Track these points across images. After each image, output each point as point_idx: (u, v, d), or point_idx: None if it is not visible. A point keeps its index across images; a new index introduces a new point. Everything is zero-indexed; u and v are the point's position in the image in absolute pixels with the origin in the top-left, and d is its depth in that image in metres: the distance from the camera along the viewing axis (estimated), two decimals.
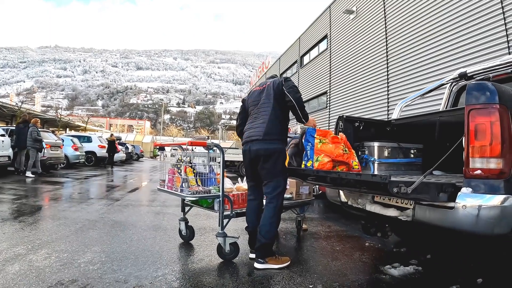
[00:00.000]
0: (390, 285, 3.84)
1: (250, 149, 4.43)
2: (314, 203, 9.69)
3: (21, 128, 14.46)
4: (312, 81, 29.93)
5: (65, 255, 4.34)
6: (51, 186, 11.60)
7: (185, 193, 4.48)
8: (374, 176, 3.01)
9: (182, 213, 5.35)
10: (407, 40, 16.67)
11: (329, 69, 26.07)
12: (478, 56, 12.26)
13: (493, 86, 2.86)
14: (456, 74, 5.56)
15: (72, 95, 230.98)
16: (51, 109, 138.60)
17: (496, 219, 2.70)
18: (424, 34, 15.39)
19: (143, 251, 4.69)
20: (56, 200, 8.61)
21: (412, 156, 4.73)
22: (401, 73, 17.01)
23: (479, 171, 2.81)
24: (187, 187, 4.49)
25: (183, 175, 4.54)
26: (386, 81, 18.13)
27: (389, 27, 18.26)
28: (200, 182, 4.65)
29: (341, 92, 23.73)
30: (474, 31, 12.73)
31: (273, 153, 4.29)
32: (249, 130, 4.52)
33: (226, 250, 4.44)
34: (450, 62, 13.61)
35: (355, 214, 4.52)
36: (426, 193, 2.82)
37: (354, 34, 22.26)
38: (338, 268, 4.33)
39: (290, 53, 36.92)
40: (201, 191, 4.51)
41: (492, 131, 2.77)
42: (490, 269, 4.47)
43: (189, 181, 4.52)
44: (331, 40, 26.26)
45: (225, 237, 4.41)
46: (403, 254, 5.00)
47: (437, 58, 14.48)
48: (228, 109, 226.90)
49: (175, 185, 4.69)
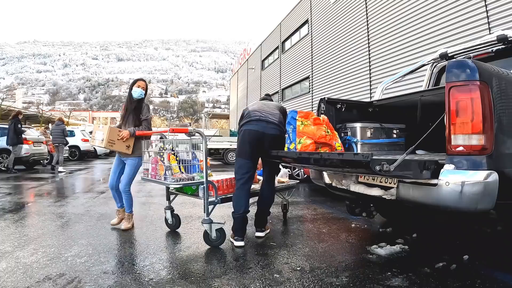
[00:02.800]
0: (377, 264, 3.87)
1: (265, 131, 4.62)
2: (300, 187, 9.73)
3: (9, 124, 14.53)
4: (294, 66, 29.88)
5: (52, 249, 4.32)
6: (35, 182, 11.51)
7: (168, 181, 4.47)
8: (356, 155, 3.01)
9: (168, 201, 5.36)
10: (388, 21, 16.69)
11: (311, 54, 26.04)
12: (460, 37, 12.30)
13: (473, 63, 2.86)
14: (437, 55, 5.58)
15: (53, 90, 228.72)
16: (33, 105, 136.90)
17: (479, 194, 2.72)
18: (405, 15, 15.41)
19: (130, 242, 4.70)
20: (41, 196, 8.55)
21: (394, 136, 4.75)
22: (382, 55, 17.05)
23: (461, 148, 2.83)
24: (170, 175, 4.47)
25: (166, 163, 4.52)
26: (368, 64, 18.16)
27: (370, 9, 18.25)
28: (184, 169, 4.63)
29: (324, 76, 23.73)
30: (455, 12, 12.76)
31: (284, 141, 4.50)
32: (264, 112, 4.74)
33: (212, 237, 4.45)
34: (432, 43, 13.65)
35: (339, 195, 4.54)
36: (409, 170, 2.83)
37: (335, 18, 22.21)
38: (325, 250, 4.36)
39: (272, 39, 36.77)
40: (185, 178, 4.50)
41: (473, 108, 2.78)
42: (475, 246, 4.53)
43: (172, 169, 4.50)
44: (312, 24, 26.19)
45: (211, 223, 4.43)
46: (389, 234, 5.04)
47: (419, 39, 14.52)
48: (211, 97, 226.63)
49: (159, 174, 4.67)
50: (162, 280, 3.43)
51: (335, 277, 3.50)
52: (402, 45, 15.51)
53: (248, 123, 4.69)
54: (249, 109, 4.86)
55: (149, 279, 3.45)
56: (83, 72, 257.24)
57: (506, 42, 4.74)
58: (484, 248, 4.49)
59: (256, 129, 4.62)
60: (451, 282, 3.38)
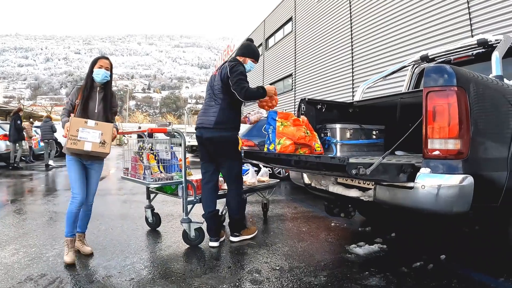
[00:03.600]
0: (355, 264, 3.92)
1: (203, 136, 4.54)
2: (281, 185, 9.77)
3: (11, 121, 15.07)
4: (277, 63, 29.93)
5: (33, 249, 4.30)
6: (16, 179, 11.38)
7: (147, 181, 4.49)
8: (333, 159, 3.04)
9: (148, 200, 5.35)
10: (371, 22, 16.80)
11: (294, 52, 26.11)
12: (442, 39, 12.44)
13: (451, 68, 2.91)
14: (418, 57, 5.65)
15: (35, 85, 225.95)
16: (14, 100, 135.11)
17: (455, 197, 2.77)
18: (389, 16, 15.53)
19: (111, 241, 4.70)
20: (22, 194, 8.49)
21: (374, 137, 4.80)
22: (365, 55, 17.17)
23: (437, 152, 2.88)
24: (149, 174, 4.49)
25: (146, 163, 4.53)
26: (351, 63, 18.26)
27: (353, 9, 18.35)
28: (163, 168, 4.65)
29: (307, 74, 23.81)
30: (438, 13, 12.89)
31: (225, 141, 4.45)
32: (202, 117, 4.61)
33: (191, 236, 4.48)
34: (415, 44, 13.79)
35: (318, 195, 4.59)
36: (385, 174, 2.87)
37: (319, 16, 22.29)
38: (304, 249, 4.40)
39: (255, 36, 36.71)
40: (164, 178, 4.53)
41: (450, 113, 2.83)
42: (453, 246, 4.60)
43: (151, 168, 4.52)
44: (296, 22, 26.25)
45: (190, 222, 4.45)
46: (368, 233, 5.10)
47: (401, 40, 14.65)
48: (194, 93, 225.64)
49: (138, 173, 4.68)
50: (142, 280, 3.45)
51: (314, 277, 3.54)
52: (385, 46, 15.63)
53: (196, 129, 4.73)
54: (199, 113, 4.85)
55: (130, 279, 3.46)
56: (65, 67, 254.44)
57: (486, 46, 4.82)
58: (461, 247, 4.57)
59: (197, 134, 4.64)
60: (428, 281, 3.44)
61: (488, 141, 3.09)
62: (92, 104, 4.09)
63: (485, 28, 11.01)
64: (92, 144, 3.79)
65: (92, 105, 4.09)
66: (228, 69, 4.42)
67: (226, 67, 4.47)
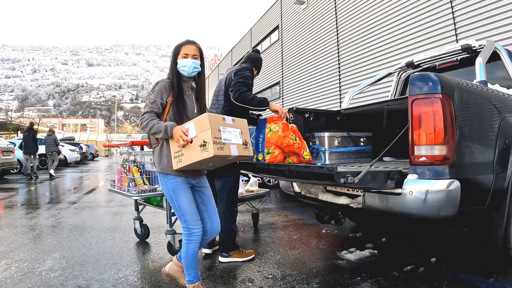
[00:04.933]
0: (347, 270, 3.96)
1: None
2: (271, 193, 9.79)
3: (26, 135, 16.62)
4: (264, 71, 29.94)
5: (25, 264, 4.28)
6: (5, 193, 11.27)
7: (131, 193, 4.52)
8: (322, 168, 3.08)
9: (136, 212, 5.36)
10: (357, 29, 16.90)
11: (281, 60, 26.17)
12: (427, 44, 12.56)
13: (435, 76, 2.97)
14: (403, 63, 5.73)
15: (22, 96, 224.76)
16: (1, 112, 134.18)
17: (442, 202, 2.83)
18: (374, 23, 15.63)
19: (103, 254, 4.68)
20: (12, 208, 8.41)
21: (362, 144, 4.85)
22: (352, 62, 17.25)
23: (424, 158, 2.93)
24: (133, 187, 4.52)
25: (130, 175, 4.56)
26: (338, 71, 18.35)
27: (339, 17, 18.46)
28: (147, 180, 4.67)
29: (294, 82, 23.87)
30: (423, 19, 13.00)
31: None
32: None
33: (176, 247, 4.47)
34: (401, 50, 13.88)
35: (308, 203, 4.62)
36: (373, 181, 2.91)
37: (305, 25, 22.38)
38: (296, 257, 4.43)
39: (242, 45, 36.80)
40: (147, 190, 4.56)
41: (435, 120, 2.89)
42: (443, 248, 4.65)
43: (136, 180, 4.55)
44: (282, 31, 26.34)
45: (174, 234, 4.45)
46: (359, 239, 5.15)
47: (387, 47, 14.74)
48: None
49: (123, 185, 4.71)
50: None
51: (306, 284, 3.56)
52: (372, 53, 15.72)
53: None
54: None
55: None
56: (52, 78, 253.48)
57: (470, 51, 4.91)
58: (451, 250, 4.62)
59: None
60: (419, 284, 3.48)
61: (473, 145, 3.16)
62: (189, 103, 3.28)
63: (469, 32, 11.14)
64: (237, 147, 3.01)
65: (190, 104, 3.28)
66: (233, 72, 4.37)
67: (232, 71, 4.42)
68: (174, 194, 3.08)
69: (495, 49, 4.61)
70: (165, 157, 3.07)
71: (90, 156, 37.49)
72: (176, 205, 3.10)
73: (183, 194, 3.08)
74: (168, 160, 3.05)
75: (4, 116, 61.66)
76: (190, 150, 2.85)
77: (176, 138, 2.88)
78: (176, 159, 2.93)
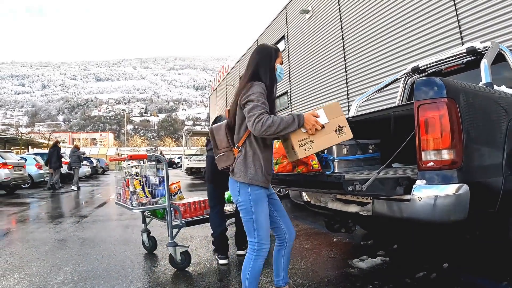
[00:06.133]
0: (359, 278, 3.95)
1: None
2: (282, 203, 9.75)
3: (51, 152, 17.96)
4: None
5: (37, 277, 4.31)
6: (17, 207, 11.34)
7: (131, 206, 4.54)
8: (329, 177, 3.08)
9: (144, 224, 5.42)
10: (363, 36, 16.92)
11: (288, 69, 26.22)
12: (433, 48, 12.56)
13: (440, 81, 2.97)
14: (409, 69, 5.72)
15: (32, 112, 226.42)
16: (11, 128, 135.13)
17: (451, 206, 2.82)
18: (380, 29, 15.65)
19: (115, 267, 4.69)
20: (24, 222, 8.46)
21: (370, 152, 4.83)
22: (359, 69, 17.26)
23: (432, 163, 2.92)
24: (135, 200, 4.54)
25: (131, 188, 4.58)
26: (345, 78, 18.35)
27: (344, 24, 18.49)
28: (149, 193, 4.70)
29: (302, 92, 23.89)
30: (428, 23, 13.01)
31: None
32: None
33: (177, 259, 4.51)
34: (406, 55, 13.90)
35: (318, 212, 4.62)
36: (382, 188, 2.90)
37: (311, 33, 22.44)
38: (308, 266, 4.42)
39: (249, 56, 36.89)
40: (147, 203, 4.57)
41: (441, 124, 2.87)
42: (455, 253, 4.63)
43: (138, 194, 4.58)
44: (288, 40, 26.42)
45: (175, 246, 4.48)
46: (370, 247, 5.13)
47: (394, 52, 14.75)
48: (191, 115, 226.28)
49: (126, 198, 4.76)
50: None
51: None
52: (378, 59, 15.73)
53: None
54: None
55: None
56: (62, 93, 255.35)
57: (475, 54, 4.89)
58: (463, 254, 4.59)
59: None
60: None
61: (481, 148, 3.14)
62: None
63: (474, 34, 11.14)
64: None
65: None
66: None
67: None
68: (254, 206, 2.92)
69: (500, 50, 4.59)
70: (252, 166, 2.89)
71: (100, 170, 37.67)
72: (254, 218, 2.93)
73: (263, 207, 2.97)
74: (256, 170, 2.88)
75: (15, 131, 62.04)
76: (322, 136, 2.89)
77: (310, 125, 2.84)
78: (303, 147, 2.87)
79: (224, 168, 3.03)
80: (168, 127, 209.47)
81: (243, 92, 2.90)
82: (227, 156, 3.01)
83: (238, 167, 2.92)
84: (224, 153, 3.03)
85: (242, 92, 2.92)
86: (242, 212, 2.96)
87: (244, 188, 2.91)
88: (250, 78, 3.02)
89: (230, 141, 3.04)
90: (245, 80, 3.03)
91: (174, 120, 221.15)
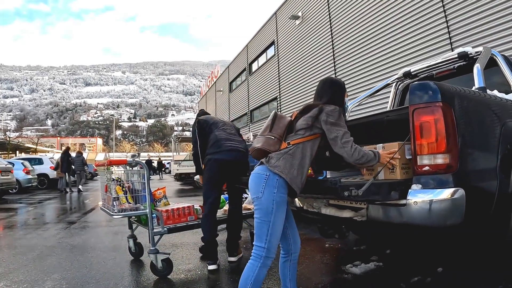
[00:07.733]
0: (352, 284, 3.93)
1: (237, 159, 4.78)
2: None
3: (62, 157, 19.38)
4: (261, 87, 30.07)
5: (25, 285, 4.23)
6: (4, 213, 11.20)
7: (112, 212, 4.48)
8: (325, 182, 3.06)
9: (130, 230, 5.35)
10: (353, 41, 17.01)
11: (278, 75, 26.27)
12: (423, 53, 12.65)
13: (435, 85, 2.95)
14: (401, 74, 5.73)
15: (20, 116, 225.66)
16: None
17: (447, 211, 2.79)
18: (370, 35, 15.74)
19: (104, 274, 4.62)
20: (11, 228, 8.35)
21: None
22: (348, 74, 17.33)
23: (427, 168, 2.90)
24: (117, 205, 4.49)
25: (114, 194, 4.53)
26: None
27: (334, 30, 18.57)
28: (132, 199, 4.67)
29: (292, 97, 23.94)
30: (417, 29, 13.12)
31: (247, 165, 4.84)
32: (235, 142, 4.91)
33: (158, 267, 4.44)
34: (397, 61, 13.99)
35: (311, 218, 4.58)
36: (377, 193, 2.88)
37: (300, 39, 22.52)
38: (301, 272, 4.38)
39: (239, 61, 36.99)
40: (127, 209, 4.51)
41: (436, 128, 2.86)
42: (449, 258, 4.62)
43: (120, 199, 4.53)
44: (278, 46, 26.49)
45: (157, 253, 4.42)
46: (364, 252, 5.11)
47: (384, 58, 14.84)
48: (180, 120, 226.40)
49: (108, 204, 4.71)
50: None
51: None
52: (368, 65, 15.82)
53: (220, 153, 4.74)
54: (217, 137, 4.89)
55: None
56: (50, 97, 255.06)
57: (467, 58, 4.91)
58: (458, 258, 4.59)
59: (229, 158, 4.72)
60: None
61: (476, 152, 3.13)
62: None
63: (464, 40, 11.24)
64: None
65: None
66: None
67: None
68: (276, 209, 2.83)
69: (491, 55, 4.61)
70: (296, 169, 2.83)
71: (89, 175, 37.42)
72: (272, 221, 2.83)
73: (283, 212, 2.92)
74: (297, 174, 2.83)
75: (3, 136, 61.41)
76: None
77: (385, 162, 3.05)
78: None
79: (261, 151, 2.98)
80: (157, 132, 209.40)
81: (328, 109, 2.96)
82: (275, 142, 2.97)
83: (282, 161, 2.85)
84: (275, 138, 2.98)
85: (326, 109, 2.96)
86: (260, 212, 2.85)
87: (272, 188, 2.82)
88: (332, 102, 3.13)
89: (285, 134, 3.03)
90: (326, 100, 3.17)
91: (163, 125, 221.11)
